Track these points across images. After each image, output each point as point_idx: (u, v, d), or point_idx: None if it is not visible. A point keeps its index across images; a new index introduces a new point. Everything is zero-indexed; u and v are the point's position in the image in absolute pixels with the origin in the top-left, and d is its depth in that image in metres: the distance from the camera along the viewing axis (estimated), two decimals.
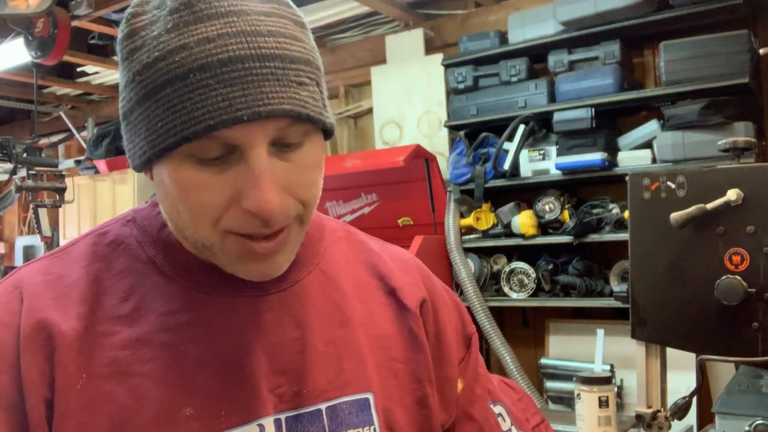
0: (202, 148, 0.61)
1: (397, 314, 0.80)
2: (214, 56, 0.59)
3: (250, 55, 0.60)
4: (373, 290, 0.81)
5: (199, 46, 0.60)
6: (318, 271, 0.77)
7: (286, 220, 0.65)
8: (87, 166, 4.66)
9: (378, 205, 3.43)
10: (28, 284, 0.68)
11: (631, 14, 2.73)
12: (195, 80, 0.59)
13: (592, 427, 1.52)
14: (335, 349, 0.74)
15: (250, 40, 0.60)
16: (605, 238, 2.77)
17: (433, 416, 0.78)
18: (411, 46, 3.52)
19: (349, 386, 0.73)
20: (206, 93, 0.59)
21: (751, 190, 1.22)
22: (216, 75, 0.59)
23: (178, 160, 0.62)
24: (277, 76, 0.61)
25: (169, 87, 0.60)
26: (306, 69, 0.64)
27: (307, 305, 0.74)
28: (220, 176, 0.62)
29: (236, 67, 0.60)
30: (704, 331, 1.27)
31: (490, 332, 2.96)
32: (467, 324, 0.89)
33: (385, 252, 0.86)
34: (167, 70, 0.60)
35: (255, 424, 0.67)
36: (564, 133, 2.86)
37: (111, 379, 0.64)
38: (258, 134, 0.61)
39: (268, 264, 0.67)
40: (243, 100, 0.59)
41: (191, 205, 0.64)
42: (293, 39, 0.64)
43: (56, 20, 3.40)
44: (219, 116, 0.59)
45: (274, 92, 0.60)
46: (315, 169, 0.67)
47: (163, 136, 0.61)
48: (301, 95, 0.62)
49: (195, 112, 0.59)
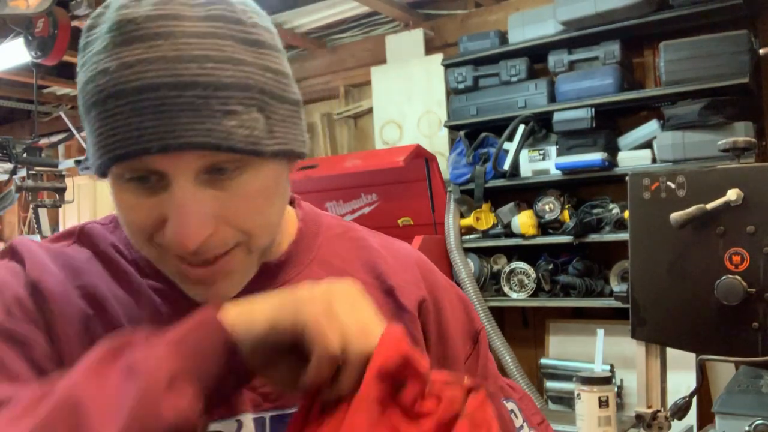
0: (132, 169, 0.60)
1: (393, 314, 0.78)
2: (130, 83, 0.57)
3: (166, 83, 0.57)
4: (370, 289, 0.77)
5: (118, 71, 0.58)
6: (310, 271, 0.76)
7: (222, 248, 0.63)
8: (87, 166, 4.66)
9: (378, 205, 3.43)
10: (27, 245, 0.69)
11: (631, 14, 2.73)
12: (111, 107, 0.58)
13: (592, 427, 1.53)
14: None
15: (169, 67, 0.57)
16: (605, 238, 2.77)
17: None
18: (411, 46, 3.52)
19: None
20: (120, 121, 0.57)
21: (751, 190, 1.22)
22: (130, 103, 0.57)
23: (118, 180, 0.62)
24: (196, 106, 0.58)
25: (94, 110, 0.59)
26: (239, 95, 0.60)
27: None
28: (148, 199, 0.61)
29: (149, 96, 0.57)
30: (704, 331, 1.27)
31: (490, 332, 2.96)
32: (474, 320, 0.87)
33: (385, 248, 0.83)
34: (93, 92, 0.59)
35: (234, 419, 0.67)
36: (564, 133, 2.86)
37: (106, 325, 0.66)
38: (179, 164, 0.59)
39: (209, 290, 0.65)
40: (153, 131, 0.57)
41: (128, 221, 0.63)
42: (228, 62, 0.60)
43: (56, 20, 3.40)
44: (129, 146, 0.57)
45: (189, 124, 0.57)
46: (258, 198, 0.63)
47: (93, 156, 0.61)
48: (224, 125, 0.58)
49: (109, 139, 0.58)
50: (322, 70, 3.97)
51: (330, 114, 3.94)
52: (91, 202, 4.63)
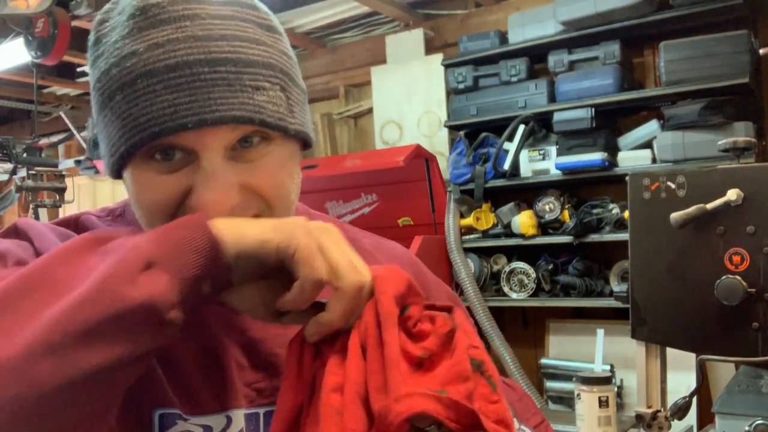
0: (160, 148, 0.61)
1: None
2: (162, 62, 0.58)
3: (199, 60, 0.59)
4: None
5: (147, 52, 0.59)
6: None
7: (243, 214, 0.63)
8: (87, 166, 4.66)
9: (378, 205, 3.43)
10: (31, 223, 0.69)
11: (631, 14, 2.73)
12: (142, 86, 0.58)
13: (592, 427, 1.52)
14: None
15: (200, 45, 0.59)
16: (605, 238, 2.77)
17: None
18: (411, 46, 3.52)
19: None
20: (152, 99, 0.58)
21: (751, 190, 1.22)
22: (162, 81, 0.58)
23: (138, 162, 0.62)
24: (229, 81, 0.59)
25: (119, 94, 0.60)
26: (266, 73, 0.62)
27: None
28: (171, 176, 0.62)
29: (183, 72, 0.58)
30: (704, 331, 1.27)
31: (490, 332, 2.96)
32: None
33: (376, 248, 0.85)
34: (119, 76, 0.60)
35: (223, 415, 0.68)
36: (564, 133, 2.86)
37: None
38: (210, 139, 0.60)
39: None
40: (189, 107, 0.58)
41: (150, 206, 0.63)
42: (252, 42, 0.62)
43: (56, 20, 3.40)
44: (164, 123, 0.58)
45: (224, 98, 0.59)
46: (280, 172, 0.65)
47: (116, 144, 0.61)
48: (255, 100, 0.61)
49: (141, 118, 0.58)
50: (322, 70, 3.97)
51: (330, 114, 3.94)
52: (91, 202, 4.63)
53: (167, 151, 0.61)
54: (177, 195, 0.62)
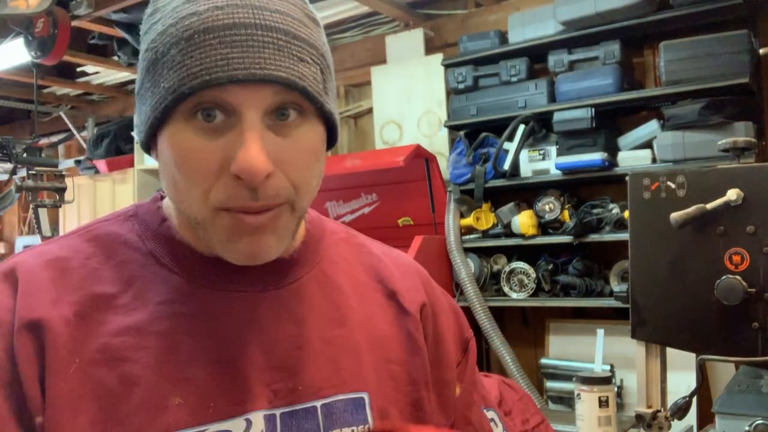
0: (205, 102, 0.63)
1: (396, 317, 0.80)
2: (220, 20, 0.62)
3: (254, 23, 0.63)
4: (373, 292, 0.81)
5: (208, 12, 0.63)
6: (317, 271, 0.78)
7: (275, 198, 0.65)
8: (87, 166, 4.66)
9: (378, 205, 3.43)
10: (24, 267, 0.68)
11: (631, 14, 2.73)
12: (198, 41, 0.62)
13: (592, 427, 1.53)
14: (332, 348, 0.74)
15: (257, 12, 0.63)
16: (605, 238, 2.77)
17: (427, 419, 0.79)
18: (411, 46, 3.52)
19: (345, 385, 0.73)
20: (207, 52, 0.62)
21: (751, 190, 1.22)
22: (218, 37, 0.62)
23: (178, 124, 0.64)
24: (278, 46, 0.63)
25: (175, 48, 0.63)
26: (309, 50, 0.66)
27: (305, 304, 0.75)
28: (213, 142, 0.64)
29: (239, 32, 0.62)
30: (704, 331, 1.27)
31: (490, 332, 2.96)
32: (465, 329, 0.90)
33: (386, 255, 0.86)
34: (176, 33, 0.63)
35: (243, 418, 0.67)
36: (564, 133, 2.86)
37: (102, 365, 0.65)
38: (253, 98, 0.63)
39: (256, 242, 0.67)
40: (240, 61, 0.62)
41: (187, 172, 0.65)
42: (300, 23, 0.66)
43: (56, 20, 3.40)
44: (215, 73, 0.61)
45: (273, 59, 0.63)
46: (311, 154, 0.68)
47: (164, 95, 0.63)
48: (299, 68, 0.64)
49: (193, 68, 0.62)
50: None
51: None
52: (91, 202, 4.63)
53: (209, 111, 0.63)
54: (217, 163, 0.64)
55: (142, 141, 0.69)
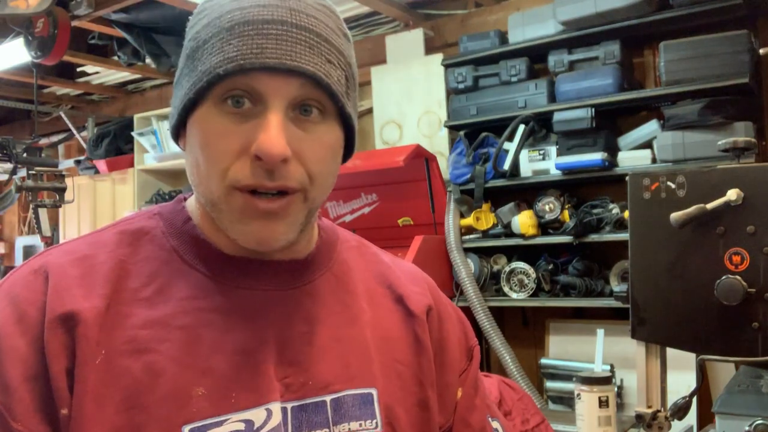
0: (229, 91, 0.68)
1: (403, 320, 0.84)
2: (260, 15, 0.68)
3: (291, 22, 0.69)
4: (381, 297, 0.85)
5: (251, 9, 0.69)
6: (330, 274, 0.82)
7: (290, 182, 0.69)
8: (87, 166, 4.66)
9: (378, 205, 3.43)
10: (54, 264, 0.71)
11: (631, 14, 2.73)
12: (238, 31, 0.68)
13: (592, 427, 1.53)
14: (342, 346, 0.77)
15: (294, 14, 0.69)
16: (605, 238, 2.77)
17: (432, 419, 0.81)
18: (411, 46, 3.52)
19: (353, 380, 0.76)
20: (244, 41, 0.67)
21: (751, 190, 1.22)
22: (256, 29, 0.68)
23: (209, 108, 0.69)
24: (310, 45, 0.69)
25: (216, 38, 0.69)
26: (338, 55, 0.72)
27: (317, 304, 0.78)
28: (239, 126, 0.68)
29: (276, 26, 0.68)
30: (704, 331, 1.27)
31: (490, 332, 2.96)
32: (470, 337, 0.93)
33: (394, 264, 0.90)
34: (218, 24, 0.69)
35: (263, 408, 0.70)
36: (564, 133, 2.86)
37: (128, 356, 0.68)
38: (280, 88, 0.68)
39: (267, 228, 0.70)
40: (273, 51, 0.67)
41: (209, 152, 0.69)
42: (333, 32, 0.72)
43: (56, 20, 3.40)
44: (249, 59, 0.66)
45: (304, 54, 0.68)
46: (328, 150, 0.73)
47: (199, 77, 0.68)
48: (327, 68, 0.70)
49: (230, 53, 0.67)
50: None
51: None
52: (91, 202, 4.63)
53: (238, 99, 0.68)
54: (239, 146, 0.68)
55: (174, 125, 0.74)
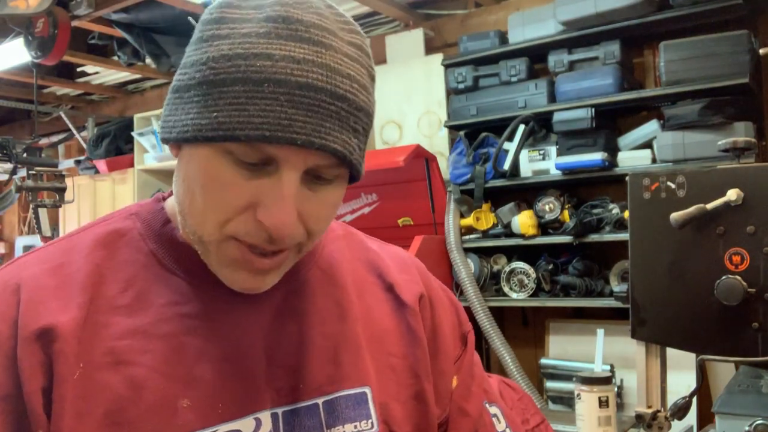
0: (244, 151, 0.63)
1: (395, 310, 0.81)
2: (294, 77, 0.62)
3: (326, 89, 0.62)
4: (371, 287, 0.82)
5: (282, 62, 0.62)
6: (316, 268, 0.79)
7: (290, 244, 0.67)
8: (87, 166, 4.66)
9: (378, 205, 3.43)
10: (27, 275, 0.69)
11: (631, 14, 2.72)
12: (267, 90, 0.61)
13: (592, 427, 1.53)
14: (333, 344, 0.75)
15: (330, 76, 0.63)
16: (605, 238, 2.77)
17: (430, 411, 0.79)
18: (411, 46, 3.52)
19: (346, 380, 0.74)
20: (273, 106, 0.61)
21: (751, 190, 1.22)
22: (288, 93, 0.61)
23: (217, 152, 0.64)
24: (340, 117, 0.64)
25: (241, 86, 0.62)
26: (364, 120, 0.67)
27: (305, 301, 0.76)
28: (248, 181, 0.64)
29: (309, 94, 0.62)
30: (704, 331, 1.27)
31: (490, 332, 2.96)
32: (464, 322, 0.90)
33: (383, 250, 0.87)
34: (245, 70, 0.62)
35: (252, 417, 0.68)
36: (564, 133, 2.86)
37: (108, 369, 0.65)
38: (300, 159, 0.63)
39: (258, 280, 0.69)
40: (302, 126, 0.61)
41: (210, 198, 0.65)
42: (363, 88, 0.67)
43: (56, 20, 3.40)
44: (276, 131, 0.61)
45: (333, 130, 0.63)
46: (333, 207, 0.70)
47: (214, 126, 0.62)
48: (352, 142, 0.65)
49: (255, 118, 0.61)
50: None
51: None
52: (91, 202, 4.63)
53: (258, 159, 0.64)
54: (244, 202, 0.64)
55: (166, 140, 0.69)
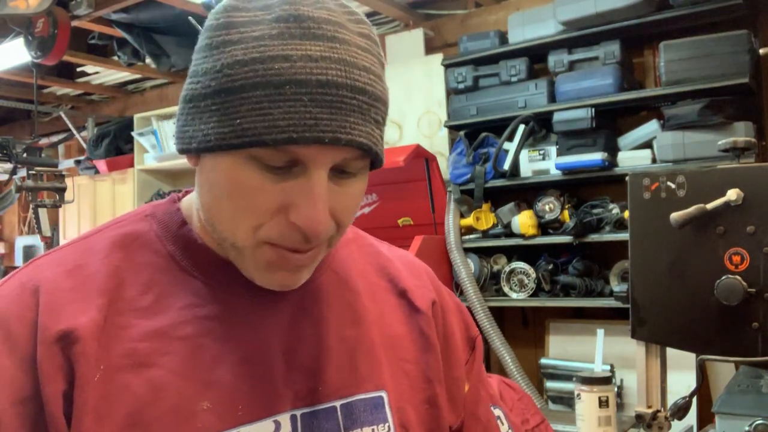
0: (270, 155, 0.62)
1: (407, 315, 0.82)
2: (314, 76, 0.61)
3: (346, 84, 0.62)
4: (384, 292, 0.83)
5: (301, 62, 0.61)
6: (330, 272, 0.79)
7: (324, 240, 0.68)
8: (87, 166, 4.67)
9: (378, 205, 3.43)
10: (45, 277, 0.68)
11: (631, 14, 2.73)
12: (289, 92, 0.61)
13: (592, 427, 1.53)
14: (349, 347, 0.75)
15: (348, 71, 0.63)
16: (605, 238, 2.77)
17: (442, 416, 0.80)
18: (411, 46, 3.52)
19: (363, 384, 0.74)
20: (296, 107, 0.61)
21: (751, 190, 1.22)
22: (310, 93, 0.61)
23: (242, 159, 0.63)
24: (362, 110, 0.64)
25: (261, 90, 0.61)
26: (382, 109, 0.67)
27: (321, 304, 0.76)
28: (276, 185, 0.64)
29: (330, 91, 0.62)
30: (704, 331, 1.27)
31: (490, 332, 2.96)
32: (471, 327, 0.91)
33: (393, 255, 0.88)
34: (263, 74, 0.61)
35: (271, 420, 0.68)
36: (564, 133, 2.86)
37: (128, 371, 0.64)
38: (328, 156, 0.63)
39: (293, 276, 0.70)
40: (328, 124, 0.61)
41: (240, 205, 0.65)
42: (378, 78, 0.67)
43: (56, 20, 3.40)
44: (302, 132, 0.61)
45: (357, 124, 0.63)
46: (358, 198, 0.71)
47: (239, 133, 0.62)
48: (374, 133, 0.66)
49: (281, 121, 0.61)
50: None
51: None
52: (91, 202, 4.63)
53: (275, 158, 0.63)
54: (276, 205, 0.64)
55: (185, 150, 0.67)
